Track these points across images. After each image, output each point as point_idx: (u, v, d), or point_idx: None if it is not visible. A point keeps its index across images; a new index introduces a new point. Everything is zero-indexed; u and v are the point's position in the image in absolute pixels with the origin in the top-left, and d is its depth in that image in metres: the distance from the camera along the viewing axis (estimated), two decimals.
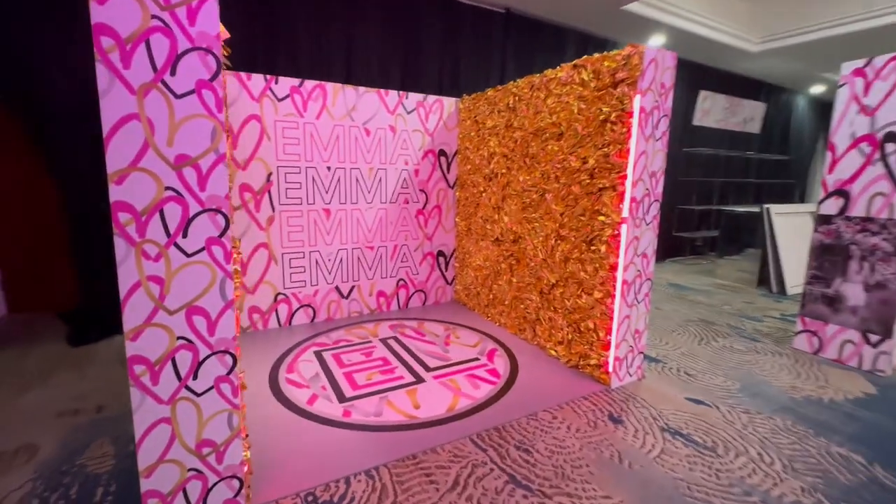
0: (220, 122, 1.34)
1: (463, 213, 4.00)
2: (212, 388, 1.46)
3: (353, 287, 3.76)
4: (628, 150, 2.35)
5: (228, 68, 2.79)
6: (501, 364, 2.88)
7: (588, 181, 2.61)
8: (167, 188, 1.30)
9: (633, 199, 2.39)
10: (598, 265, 2.58)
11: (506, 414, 2.29)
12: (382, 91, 3.58)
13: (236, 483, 1.55)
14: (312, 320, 3.64)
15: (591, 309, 2.66)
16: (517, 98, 3.19)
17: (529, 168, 3.09)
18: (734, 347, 3.29)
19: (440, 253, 4.16)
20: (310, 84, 3.29)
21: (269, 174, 3.26)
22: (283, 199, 3.34)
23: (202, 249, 1.37)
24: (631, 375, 2.68)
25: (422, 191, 3.93)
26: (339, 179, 3.52)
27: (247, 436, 1.69)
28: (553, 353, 2.97)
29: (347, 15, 3.88)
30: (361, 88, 3.49)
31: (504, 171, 3.38)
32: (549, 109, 2.87)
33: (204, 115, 1.32)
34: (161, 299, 1.34)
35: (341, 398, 2.41)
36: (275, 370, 2.74)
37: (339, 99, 3.41)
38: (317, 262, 3.56)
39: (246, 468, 1.59)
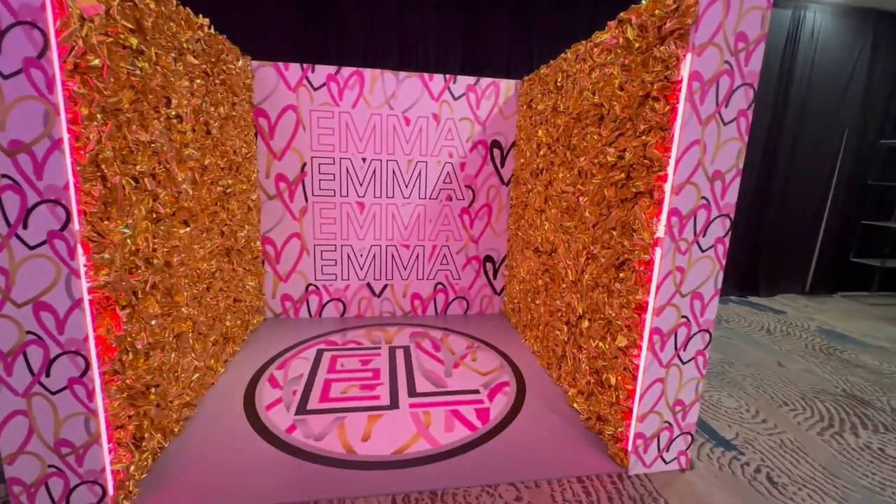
0: (52, 104, 1.22)
1: (514, 215, 3.43)
2: (65, 388, 1.38)
3: (385, 286, 3.56)
4: (671, 139, 1.58)
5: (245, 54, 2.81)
6: (500, 405, 2.34)
7: (624, 182, 1.88)
8: (3, 176, 1.23)
9: (673, 212, 1.61)
10: (624, 300, 1.85)
11: (457, 476, 1.79)
12: (426, 75, 3.24)
13: (98, 489, 1.47)
14: (342, 315, 3.56)
15: (615, 359, 1.93)
16: (565, 75, 2.51)
17: (570, 163, 2.41)
18: (886, 453, 2.09)
19: (488, 258, 3.67)
20: (347, 71, 3.14)
21: (304, 165, 3.24)
22: (316, 191, 3.30)
23: (43, 243, 1.29)
24: (666, 462, 1.88)
25: (468, 187, 3.49)
26: (374, 172, 3.33)
27: (139, 440, 1.61)
28: (574, 404, 2.29)
29: None
30: (402, 73, 3.21)
31: (548, 166, 2.73)
32: (592, 86, 2.16)
33: (34, 97, 1.21)
34: (7, 290, 1.30)
35: (301, 409, 2.23)
36: (269, 363, 2.71)
37: (378, 86, 3.19)
38: (348, 257, 3.45)
39: (112, 477, 1.50)
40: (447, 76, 3.27)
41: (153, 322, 1.74)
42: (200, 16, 2.17)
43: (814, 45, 4.39)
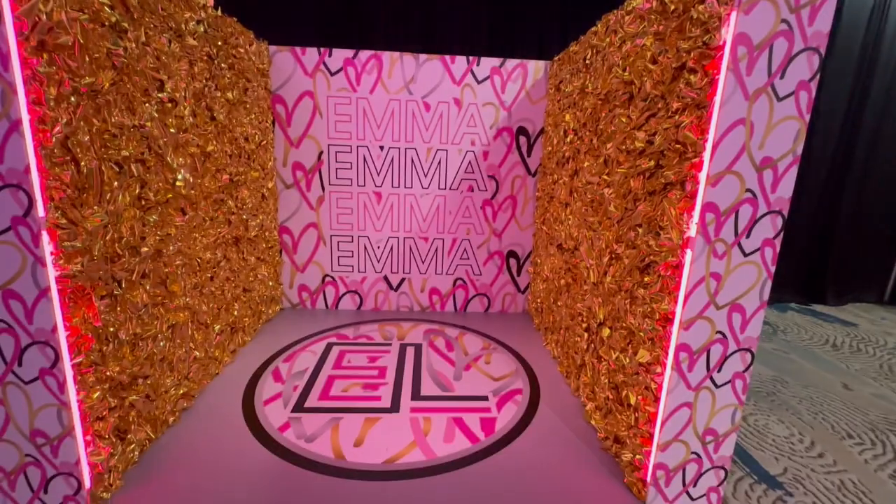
0: (8, 82, 1.15)
1: (540, 208, 3.18)
2: (37, 378, 1.35)
3: (402, 280, 3.43)
4: (709, 119, 1.31)
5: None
6: (509, 415, 2.14)
7: (653, 171, 1.61)
8: None
9: (708, 207, 1.34)
10: (648, 309, 1.59)
11: (449, 495, 1.63)
12: (447, 57, 3.04)
13: (74, 482, 1.44)
14: (359, 308, 3.48)
15: (635, 375, 1.68)
16: (594, 50, 2.23)
17: (596, 150, 2.15)
18: None
19: (511, 254, 3.44)
20: (364, 55, 3.01)
21: (321, 153, 3.16)
22: (332, 180, 3.21)
23: (8, 229, 1.24)
24: (692, 499, 1.61)
25: (491, 177, 3.27)
26: (392, 160, 3.19)
27: (122, 434, 1.57)
28: (592, 420, 2.05)
29: None
30: (422, 56, 3.03)
31: (574, 154, 2.47)
32: (622, 61, 1.88)
33: None
34: None
35: (298, 406, 2.15)
36: (277, 355, 2.66)
37: (396, 70, 3.03)
38: (365, 248, 3.35)
39: (89, 469, 1.46)
40: (470, 58, 3.05)
41: (142, 312, 1.70)
42: None
43: None
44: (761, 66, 1.25)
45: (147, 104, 1.70)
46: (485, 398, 2.28)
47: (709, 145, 1.31)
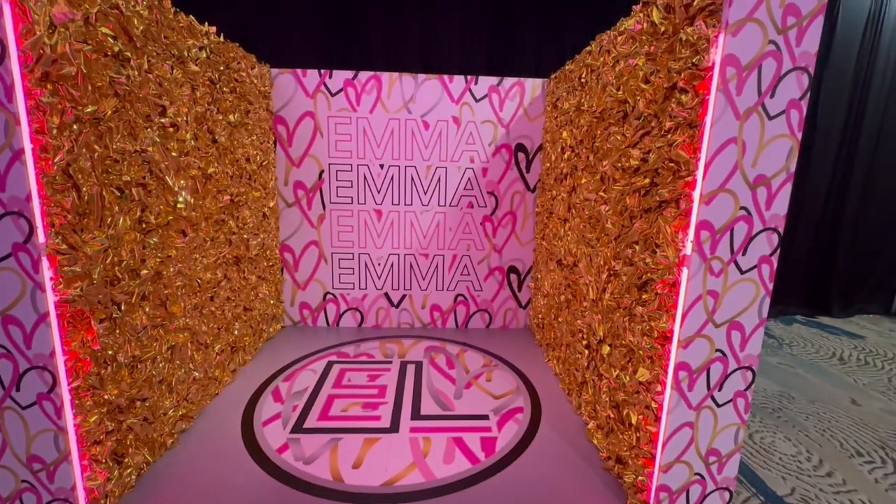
0: (11, 113, 1.18)
1: (540, 224, 3.19)
2: (34, 403, 1.35)
3: (404, 296, 3.43)
4: (701, 137, 1.32)
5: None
6: (510, 434, 2.12)
7: (648, 189, 1.62)
8: None
9: (703, 225, 1.34)
10: (646, 327, 1.58)
11: None
12: (446, 77, 3.09)
13: None
14: (360, 325, 3.47)
15: (636, 394, 1.66)
16: (589, 69, 2.26)
17: (593, 167, 2.16)
18: None
19: (512, 269, 3.44)
20: (364, 75, 3.06)
21: (321, 172, 3.20)
22: (333, 198, 3.24)
23: (9, 255, 1.26)
24: None
25: (490, 193, 3.29)
26: (392, 178, 3.22)
27: (117, 458, 1.56)
28: (594, 439, 2.02)
29: None
30: (421, 76, 3.09)
31: (571, 170, 2.48)
32: (616, 80, 1.91)
33: None
34: None
35: (297, 427, 2.13)
36: (277, 374, 2.65)
37: (395, 90, 3.09)
38: (366, 266, 3.36)
39: (85, 495, 1.46)
40: (468, 77, 3.10)
41: (140, 334, 1.70)
42: (206, 24, 2.15)
43: None
44: (751, 85, 1.26)
45: (149, 129, 1.74)
46: (486, 417, 2.26)
47: (701, 164, 1.32)
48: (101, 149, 1.48)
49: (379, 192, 3.24)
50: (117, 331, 1.58)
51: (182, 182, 1.97)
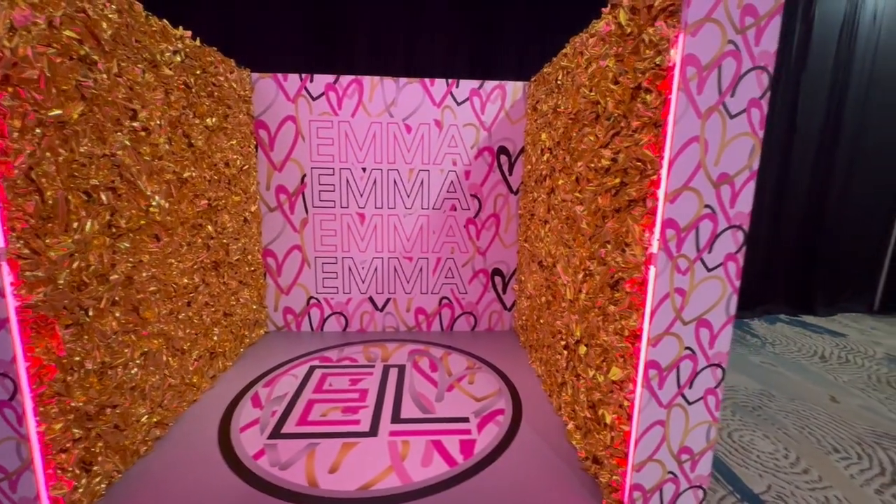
0: None
1: (523, 226, 3.20)
2: None
3: (388, 300, 3.42)
4: (665, 136, 1.33)
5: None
6: (490, 436, 2.11)
7: (618, 188, 1.63)
8: None
9: (668, 223, 1.35)
10: (618, 326, 1.59)
11: None
12: (427, 80, 3.10)
13: None
14: (344, 329, 3.45)
15: (610, 393, 1.66)
16: (565, 71, 2.28)
17: (569, 168, 2.17)
18: None
19: (497, 272, 3.44)
20: (345, 79, 3.07)
21: (303, 176, 3.19)
22: (316, 202, 3.23)
23: None
24: None
25: (474, 196, 3.29)
26: (374, 181, 3.22)
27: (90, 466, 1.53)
28: (573, 440, 2.02)
29: None
30: (403, 80, 3.10)
31: (550, 172, 2.50)
32: (588, 81, 1.92)
33: None
34: None
35: (275, 432, 2.11)
36: (258, 380, 2.63)
37: (377, 93, 3.09)
38: (350, 269, 3.35)
39: None
40: (449, 80, 3.11)
41: (111, 339, 1.68)
42: (180, 28, 2.15)
43: (877, 30, 3.85)
44: (711, 85, 1.28)
45: (119, 133, 1.72)
46: (466, 419, 2.25)
47: (665, 163, 1.33)
48: (67, 152, 1.47)
49: (362, 196, 3.24)
50: (85, 336, 1.56)
51: (155, 187, 1.95)
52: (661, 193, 1.35)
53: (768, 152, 3.97)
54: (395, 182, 3.23)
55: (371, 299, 3.41)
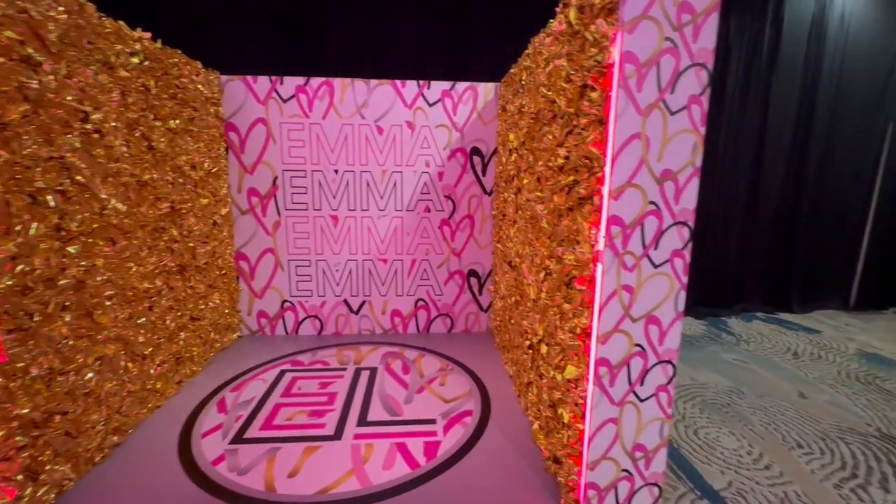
0: None
1: (496, 226, 3.20)
2: None
3: (363, 302, 3.40)
4: (607, 133, 1.33)
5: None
6: (455, 438, 2.09)
7: (571, 186, 1.63)
8: None
9: (613, 220, 1.35)
10: (572, 324, 1.58)
11: None
12: (398, 82, 3.10)
13: None
14: (319, 333, 3.43)
15: (567, 392, 1.66)
16: (528, 72, 2.29)
17: (532, 168, 2.18)
18: None
19: (472, 273, 3.43)
20: (316, 81, 3.06)
21: (275, 178, 3.17)
22: (288, 205, 3.21)
23: None
24: None
25: (447, 197, 3.29)
26: (347, 183, 3.21)
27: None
28: (538, 440, 2.01)
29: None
30: (373, 81, 3.09)
31: (517, 172, 2.50)
32: (546, 80, 1.93)
33: None
34: None
35: (237, 437, 2.08)
36: (227, 384, 2.59)
37: (348, 95, 3.08)
38: (324, 272, 3.33)
39: None
40: (421, 82, 3.11)
41: (60, 345, 1.65)
42: (139, 29, 2.13)
43: (845, 31, 3.91)
44: (651, 82, 1.28)
45: (69, 135, 1.70)
46: (433, 421, 2.23)
47: (608, 159, 1.33)
48: (9, 154, 1.45)
49: (335, 198, 3.22)
50: (31, 342, 1.53)
51: (111, 189, 1.92)
52: (605, 190, 1.35)
53: (741, 152, 4.02)
54: (367, 184, 3.22)
55: (346, 302, 3.39)
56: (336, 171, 3.19)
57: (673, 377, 1.49)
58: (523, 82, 2.36)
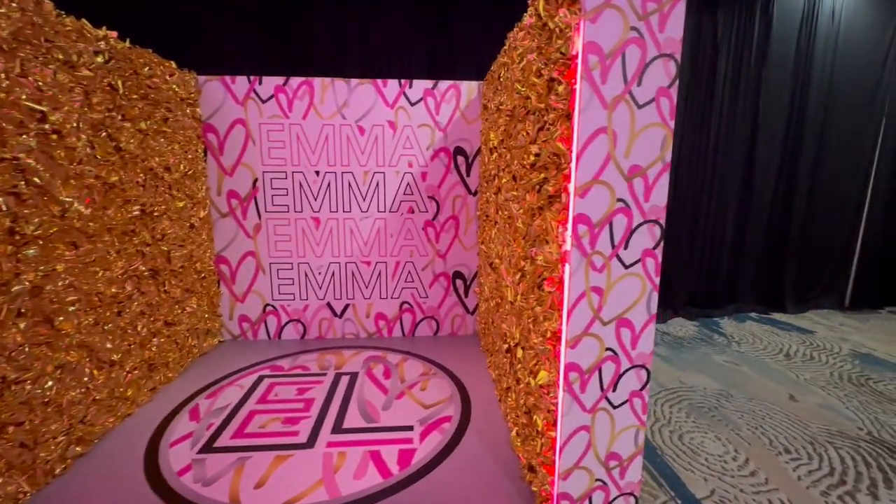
0: None
1: (481, 227, 3.14)
2: None
3: (347, 306, 3.34)
4: (572, 128, 1.28)
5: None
6: (431, 445, 2.03)
7: (541, 184, 1.57)
8: None
9: (580, 218, 1.29)
10: (543, 328, 1.52)
11: None
12: (379, 81, 3.05)
13: None
14: (302, 337, 3.37)
15: (540, 398, 1.60)
16: (505, 69, 2.23)
17: (509, 167, 2.12)
18: None
19: (458, 275, 3.37)
20: (295, 81, 3.00)
21: (255, 180, 3.11)
22: (269, 207, 3.15)
23: None
24: None
25: (431, 198, 3.23)
26: (328, 185, 3.15)
27: None
28: (516, 447, 1.95)
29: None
30: (354, 81, 3.04)
31: (497, 171, 2.44)
32: (520, 75, 1.87)
33: None
34: None
35: (207, 446, 2.02)
36: (202, 391, 2.53)
37: (328, 95, 3.03)
38: (306, 275, 3.27)
39: None
40: (402, 81, 3.06)
41: (15, 352, 1.59)
42: (104, 28, 2.08)
43: (836, 27, 3.86)
44: (616, 73, 1.22)
45: (24, 136, 1.64)
46: (410, 428, 2.17)
47: (573, 155, 1.27)
48: None
49: (316, 200, 3.17)
50: None
51: (74, 192, 1.87)
52: (571, 188, 1.29)
53: (733, 151, 3.96)
54: (349, 185, 3.16)
55: (329, 305, 3.33)
56: (317, 173, 3.13)
57: (647, 382, 1.43)
58: (501, 79, 2.30)
